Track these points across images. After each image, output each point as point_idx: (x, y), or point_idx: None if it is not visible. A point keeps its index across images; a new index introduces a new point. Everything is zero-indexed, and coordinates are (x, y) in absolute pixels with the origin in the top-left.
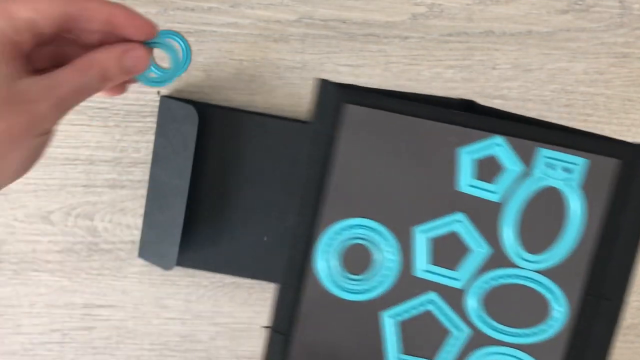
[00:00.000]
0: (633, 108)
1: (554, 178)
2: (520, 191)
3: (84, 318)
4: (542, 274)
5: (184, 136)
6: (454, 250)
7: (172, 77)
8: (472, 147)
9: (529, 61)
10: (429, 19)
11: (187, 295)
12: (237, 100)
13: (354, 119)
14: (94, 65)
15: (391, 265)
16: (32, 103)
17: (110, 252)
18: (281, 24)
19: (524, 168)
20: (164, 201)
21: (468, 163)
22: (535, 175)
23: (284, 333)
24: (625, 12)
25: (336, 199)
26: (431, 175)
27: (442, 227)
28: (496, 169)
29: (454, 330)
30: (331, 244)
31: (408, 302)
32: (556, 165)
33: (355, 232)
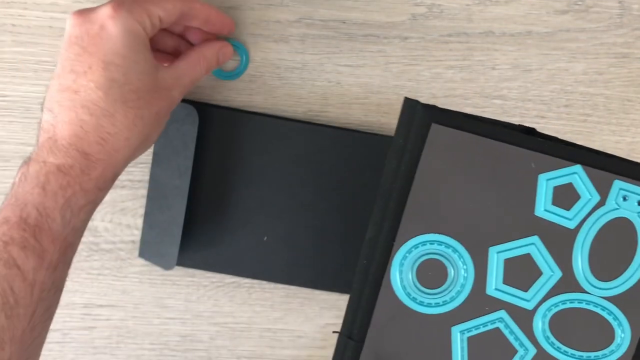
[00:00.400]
0: (632, 108)
1: (628, 210)
2: (595, 220)
3: (84, 318)
4: (609, 301)
5: (184, 136)
6: (527, 271)
7: (239, 74)
8: (552, 174)
9: (529, 61)
10: (429, 19)
11: (187, 295)
12: (237, 101)
13: (439, 139)
14: (202, 59)
15: (465, 282)
16: (170, 90)
17: (111, 252)
18: (281, 24)
19: (600, 198)
20: (164, 201)
21: (547, 189)
22: (609, 206)
23: (355, 339)
24: (625, 12)
25: (416, 214)
26: (510, 198)
27: (517, 249)
28: (573, 196)
29: (520, 349)
30: (408, 257)
31: (478, 319)
32: (630, 197)
33: (432, 247)
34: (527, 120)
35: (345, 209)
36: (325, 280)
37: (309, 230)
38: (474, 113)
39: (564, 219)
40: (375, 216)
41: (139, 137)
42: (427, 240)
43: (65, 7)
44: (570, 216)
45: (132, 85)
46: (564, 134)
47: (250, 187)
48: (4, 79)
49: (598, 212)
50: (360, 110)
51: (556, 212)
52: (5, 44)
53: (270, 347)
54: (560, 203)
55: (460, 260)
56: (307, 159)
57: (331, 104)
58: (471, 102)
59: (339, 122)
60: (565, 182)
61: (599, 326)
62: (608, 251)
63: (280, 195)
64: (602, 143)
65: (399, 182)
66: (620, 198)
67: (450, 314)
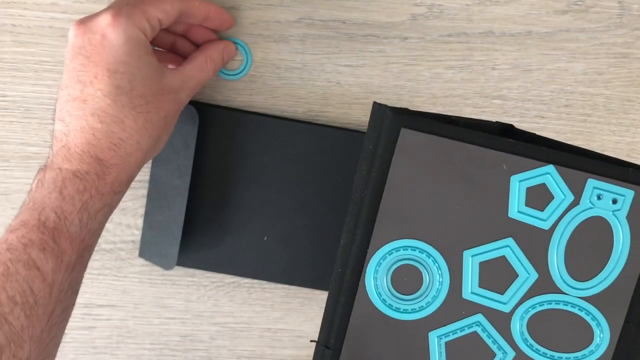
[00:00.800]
0: (632, 108)
1: (602, 208)
2: (569, 220)
3: (84, 318)
4: (586, 301)
5: (184, 136)
6: (503, 274)
7: (243, 73)
8: (524, 175)
9: (529, 61)
10: (429, 19)
11: (187, 295)
12: (237, 101)
13: (409, 143)
14: (209, 61)
15: (440, 287)
16: (177, 93)
17: (111, 252)
18: (281, 25)
19: (574, 197)
20: (165, 201)
21: (520, 190)
22: (584, 205)
23: (332, 348)
24: (625, 12)
25: (389, 220)
26: (483, 201)
27: (492, 252)
28: (547, 197)
29: (499, 353)
30: (382, 264)
31: (455, 323)
32: (605, 196)
33: (406, 253)
34: (527, 120)
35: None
36: (325, 280)
37: (309, 230)
38: (474, 113)
39: (538, 220)
40: (348, 223)
41: (150, 140)
42: (400, 246)
43: (65, 7)
44: (544, 217)
45: (139, 90)
46: (563, 134)
47: (250, 187)
48: (4, 79)
49: (572, 211)
50: (360, 110)
51: (530, 213)
52: (6, 44)
53: (270, 347)
54: (533, 204)
55: (434, 265)
56: (307, 159)
57: (331, 104)
58: (471, 102)
59: (339, 122)
60: (538, 183)
61: (577, 327)
62: (584, 251)
63: (280, 195)
64: (602, 143)
65: (371, 188)
66: (594, 197)
67: (427, 320)
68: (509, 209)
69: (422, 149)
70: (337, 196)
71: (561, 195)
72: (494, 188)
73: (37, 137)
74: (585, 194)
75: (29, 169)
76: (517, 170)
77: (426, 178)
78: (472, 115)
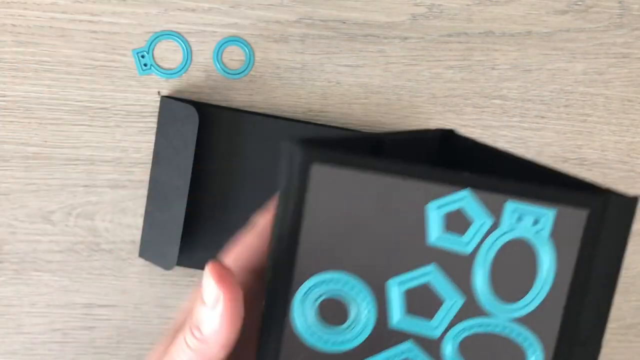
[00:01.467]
0: (632, 108)
1: (524, 230)
2: (491, 243)
3: (84, 318)
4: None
5: (184, 136)
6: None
7: (244, 72)
8: (440, 202)
9: (529, 61)
10: (429, 19)
11: (187, 295)
12: (237, 101)
13: (321, 178)
14: None
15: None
16: None
17: (111, 252)
18: (281, 25)
19: (494, 220)
20: (165, 201)
21: (437, 217)
22: (504, 228)
23: None
24: (625, 12)
25: (310, 254)
26: (403, 229)
27: (416, 279)
28: (466, 221)
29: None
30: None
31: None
32: (525, 217)
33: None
34: (527, 120)
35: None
36: None
37: None
38: (474, 113)
39: (459, 245)
40: (271, 260)
41: None
42: (324, 279)
43: (65, 7)
44: (465, 241)
45: None
46: (563, 133)
47: (251, 187)
48: (4, 79)
49: (493, 235)
50: (360, 110)
51: (450, 238)
52: (6, 44)
53: None
54: (453, 229)
55: (359, 296)
56: None
57: (331, 104)
58: (471, 102)
59: (339, 122)
60: (456, 208)
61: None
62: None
63: None
64: (602, 143)
65: (289, 225)
66: (514, 219)
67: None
68: (429, 236)
69: (335, 182)
70: None
71: (480, 219)
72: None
73: (37, 137)
74: (504, 217)
75: (29, 169)
76: (433, 197)
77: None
78: (472, 115)
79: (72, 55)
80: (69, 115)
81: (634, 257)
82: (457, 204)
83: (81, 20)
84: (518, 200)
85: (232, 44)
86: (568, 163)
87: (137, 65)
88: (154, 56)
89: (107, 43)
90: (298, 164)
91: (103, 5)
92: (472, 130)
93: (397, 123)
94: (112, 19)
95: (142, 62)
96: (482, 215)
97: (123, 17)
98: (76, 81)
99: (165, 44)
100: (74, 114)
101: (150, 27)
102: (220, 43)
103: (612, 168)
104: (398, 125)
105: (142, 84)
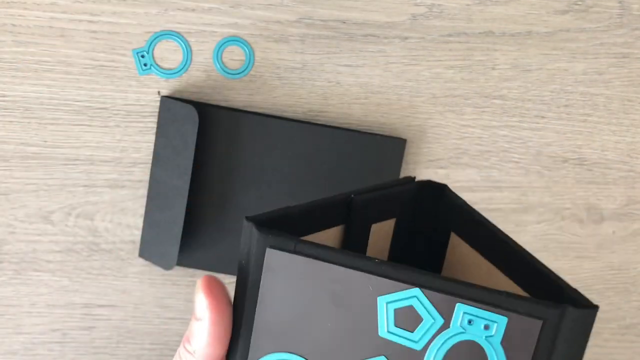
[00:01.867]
0: (632, 108)
1: (474, 333)
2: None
3: (84, 318)
4: None
5: (184, 136)
6: None
7: (245, 72)
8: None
9: (529, 61)
10: (429, 19)
11: (187, 295)
12: (237, 101)
13: (275, 262)
14: None
15: None
16: None
17: (111, 252)
18: (281, 25)
19: (443, 321)
20: (165, 201)
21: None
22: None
23: None
24: (625, 12)
25: (265, 332)
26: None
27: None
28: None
29: None
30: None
31: None
32: (476, 321)
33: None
34: (527, 120)
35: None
36: None
37: None
38: (475, 113)
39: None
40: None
41: None
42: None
43: (65, 7)
44: (415, 338)
45: None
46: (563, 134)
47: (250, 187)
48: (3, 79)
49: (443, 335)
50: (360, 110)
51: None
52: (5, 44)
53: None
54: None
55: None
56: (307, 159)
57: (331, 104)
58: (471, 102)
59: (339, 122)
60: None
61: None
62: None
63: (280, 195)
64: (602, 143)
65: (247, 302)
66: (465, 321)
67: None
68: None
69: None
70: None
71: (430, 318)
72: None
73: (37, 137)
74: (455, 318)
75: (29, 169)
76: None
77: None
78: (472, 115)
79: (72, 55)
80: (69, 115)
81: (634, 257)
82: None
83: (81, 20)
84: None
85: (232, 44)
86: (568, 163)
87: (137, 65)
88: (154, 56)
89: (107, 43)
90: (255, 245)
91: (103, 5)
92: (472, 130)
93: (397, 123)
94: (112, 19)
95: (142, 62)
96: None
97: (123, 17)
98: (76, 81)
99: (165, 43)
100: (74, 114)
101: (150, 27)
102: (220, 43)
103: (612, 168)
104: (398, 125)
105: (142, 83)
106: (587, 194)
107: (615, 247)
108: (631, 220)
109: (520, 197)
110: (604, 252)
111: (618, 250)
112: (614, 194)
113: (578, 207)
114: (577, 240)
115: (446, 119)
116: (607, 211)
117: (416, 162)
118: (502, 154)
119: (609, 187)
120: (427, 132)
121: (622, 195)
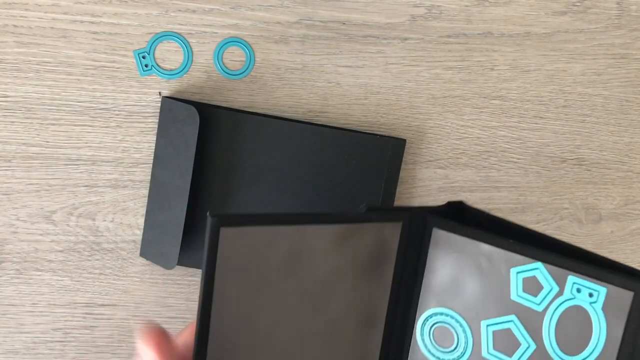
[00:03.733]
0: (630, 109)
1: (581, 300)
2: (556, 306)
3: (85, 317)
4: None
5: (185, 137)
6: (510, 342)
7: (245, 73)
8: (520, 268)
9: (527, 62)
10: (428, 20)
11: (188, 295)
12: (237, 101)
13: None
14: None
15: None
16: None
17: (112, 251)
18: (281, 26)
19: (559, 289)
20: (166, 201)
21: (517, 279)
22: (567, 296)
23: None
24: (623, 13)
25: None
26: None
27: (501, 324)
28: (538, 286)
29: None
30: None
31: None
32: (583, 290)
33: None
34: (526, 120)
35: (345, 209)
36: None
37: None
38: (473, 113)
39: (533, 304)
40: None
41: None
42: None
43: (66, 8)
44: (537, 302)
45: None
46: (562, 134)
47: (251, 187)
48: (5, 80)
49: (558, 300)
50: (360, 110)
51: (526, 297)
52: (7, 44)
53: None
54: (529, 290)
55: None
56: (307, 159)
57: (331, 104)
58: (470, 103)
59: (339, 122)
60: (531, 275)
61: None
62: (570, 331)
63: (280, 195)
64: (600, 143)
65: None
66: (575, 290)
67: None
68: (511, 293)
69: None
70: (337, 196)
71: (549, 286)
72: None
73: (39, 138)
74: (567, 287)
75: (31, 169)
76: (515, 264)
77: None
78: (471, 115)
79: (73, 56)
80: (70, 115)
81: (632, 256)
82: (532, 272)
83: (82, 21)
84: (577, 276)
85: (233, 45)
86: (566, 163)
87: (138, 66)
88: (155, 57)
89: (108, 44)
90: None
91: (104, 6)
92: (471, 130)
93: (396, 123)
94: (113, 20)
95: (143, 62)
96: (550, 283)
97: (124, 18)
98: (77, 82)
99: (166, 44)
100: (75, 115)
101: (151, 28)
102: (221, 44)
103: (611, 168)
104: (398, 126)
105: (143, 84)
106: (585, 194)
107: (614, 247)
108: (629, 220)
109: (518, 197)
110: (602, 252)
111: (616, 250)
112: (612, 194)
113: (576, 207)
114: (576, 240)
115: (445, 120)
116: (606, 211)
117: (416, 162)
118: (500, 154)
119: (607, 187)
120: (426, 133)
121: (620, 195)
